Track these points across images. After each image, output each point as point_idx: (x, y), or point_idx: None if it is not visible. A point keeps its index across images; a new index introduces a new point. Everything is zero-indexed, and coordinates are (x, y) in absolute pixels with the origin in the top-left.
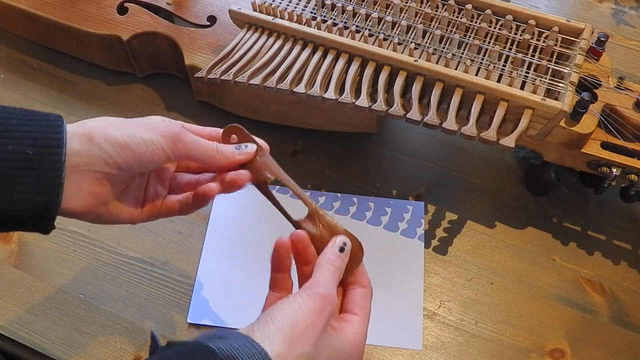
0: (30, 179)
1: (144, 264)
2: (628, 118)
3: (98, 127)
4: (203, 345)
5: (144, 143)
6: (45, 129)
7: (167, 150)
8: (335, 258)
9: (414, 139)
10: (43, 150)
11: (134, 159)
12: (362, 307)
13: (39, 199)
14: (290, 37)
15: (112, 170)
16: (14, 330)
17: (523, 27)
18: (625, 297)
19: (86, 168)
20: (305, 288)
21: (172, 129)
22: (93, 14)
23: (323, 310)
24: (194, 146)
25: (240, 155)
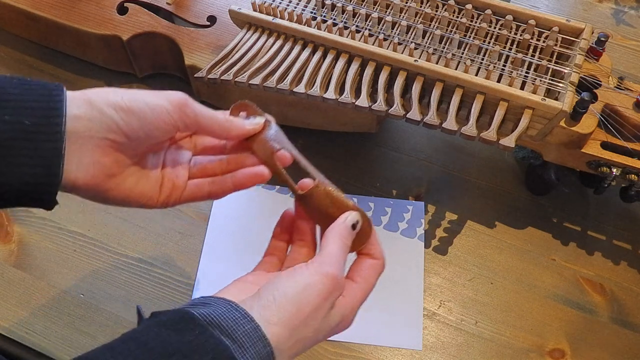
0: (28, 150)
1: (144, 264)
2: (628, 118)
3: (99, 92)
4: (185, 312)
5: (148, 107)
6: (44, 98)
7: (174, 115)
8: (347, 234)
9: (414, 139)
10: (41, 120)
11: (139, 124)
12: (365, 277)
13: (38, 172)
14: (290, 37)
15: (116, 137)
16: (14, 330)
17: (523, 27)
18: (625, 297)
19: (88, 134)
20: (315, 264)
21: (177, 95)
22: (93, 14)
23: (331, 295)
24: (203, 113)
25: (249, 125)
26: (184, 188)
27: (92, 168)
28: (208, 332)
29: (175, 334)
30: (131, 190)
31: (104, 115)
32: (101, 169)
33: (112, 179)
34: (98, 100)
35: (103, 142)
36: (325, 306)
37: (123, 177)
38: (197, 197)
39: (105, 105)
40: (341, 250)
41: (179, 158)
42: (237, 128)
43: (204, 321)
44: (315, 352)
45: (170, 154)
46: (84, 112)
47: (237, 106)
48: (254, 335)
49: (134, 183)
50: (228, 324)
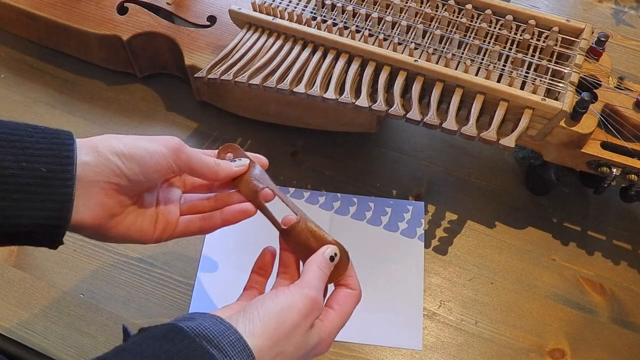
0: (42, 195)
1: (144, 264)
2: (628, 118)
3: (102, 139)
4: (173, 325)
5: (148, 153)
6: (58, 146)
7: (170, 160)
8: (325, 264)
9: (414, 139)
10: (55, 167)
11: (139, 169)
12: (342, 305)
13: (50, 215)
14: (290, 37)
15: (120, 181)
16: (14, 330)
17: (523, 27)
18: (625, 297)
19: (95, 179)
20: (297, 286)
21: (173, 141)
22: (93, 14)
23: (310, 314)
24: (195, 158)
25: (235, 167)
26: (176, 224)
27: (98, 209)
28: (196, 342)
29: (166, 343)
30: (130, 227)
31: (109, 162)
32: (105, 210)
33: (114, 218)
34: (103, 148)
35: (107, 186)
36: (304, 324)
37: (123, 216)
38: (188, 233)
39: (110, 153)
40: (320, 278)
41: (171, 196)
42: (225, 170)
43: (191, 333)
44: None
45: (163, 192)
46: (92, 159)
47: (224, 148)
48: (238, 346)
49: (133, 221)
50: (214, 336)
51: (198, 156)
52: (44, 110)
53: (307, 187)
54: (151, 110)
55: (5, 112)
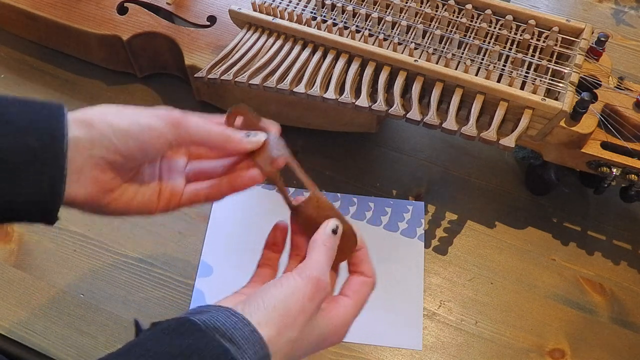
0: (34, 170)
1: (144, 264)
2: (628, 118)
3: (98, 113)
4: (186, 319)
5: (144, 129)
6: (47, 119)
7: (169, 135)
8: (328, 239)
9: (414, 139)
10: (45, 140)
11: (136, 145)
12: (357, 292)
13: (43, 190)
14: (290, 37)
15: (114, 157)
16: (14, 330)
17: (523, 27)
18: (625, 297)
19: (87, 154)
20: (300, 270)
21: (173, 114)
22: (93, 14)
23: (315, 295)
24: (199, 130)
25: (249, 143)
26: (182, 194)
27: (91, 185)
28: (209, 336)
29: (178, 338)
30: (129, 202)
31: (102, 137)
32: (99, 185)
33: (110, 194)
34: (97, 122)
35: (101, 161)
36: (310, 307)
37: (121, 190)
38: (195, 201)
39: (105, 127)
40: (324, 255)
41: (175, 166)
42: (236, 144)
43: (203, 326)
44: None
45: (166, 162)
46: (84, 133)
47: (234, 111)
48: (251, 338)
49: (132, 195)
50: (227, 328)
51: (201, 128)
52: None
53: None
54: None
55: None
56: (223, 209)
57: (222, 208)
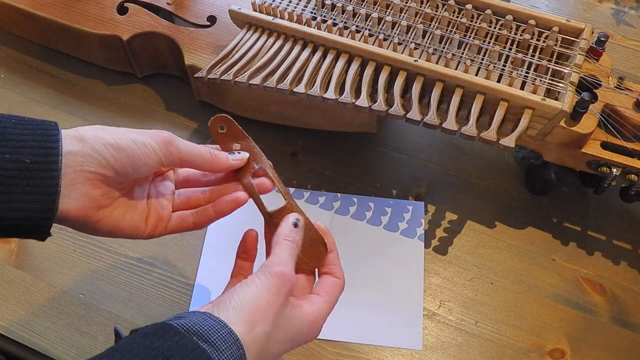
0: (27, 187)
1: (144, 264)
2: (628, 118)
3: (89, 129)
4: (164, 324)
5: (136, 144)
6: (42, 137)
7: (159, 153)
8: (289, 232)
9: (414, 139)
10: (40, 159)
11: (127, 160)
12: (328, 292)
13: (35, 207)
14: (290, 37)
15: (106, 172)
16: (14, 330)
17: (523, 27)
18: (625, 297)
19: (80, 168)
20: (263, 268)
21: (163, 134)
22: (93, 14)
23: (281, 288)
24: (187, 150)
25: (234, 160)
26: (169, 220)
27: (83, 200)
28: (187, 338)
29: (157, 340)
30: (119, 221)
31: (95, 152)
32: (91, 201)
33: (101, 211)
34: (90, 138)
35: (93, 176)
36: (278, 300)
37: (111, 208)
38: (182, 228)
39: (96, 143)
40: (285, 249)
41: (163, 190)
42: (221, 163)
43: (182, 329)
44: (315, 352)
45: (154, 186)
46: (77, 148)
47: (216, 119)
48: (228, 339)
49: (122, 214)
50: (204, 331)
51: (189, 148)
52: (44, 110)
53: (307, 187)
54: (151, 110)
55: (5, 112)
56: None
57: None
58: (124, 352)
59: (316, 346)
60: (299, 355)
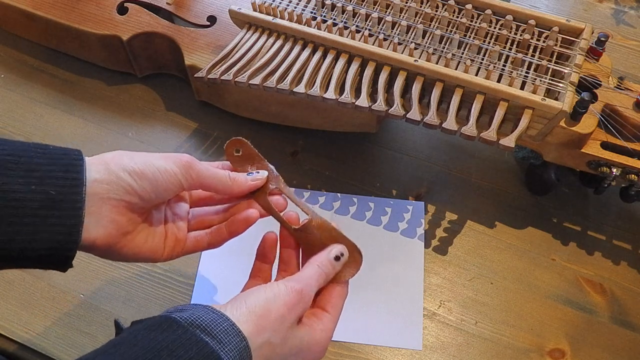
0: (52, 219)
1: (144, 264)
2: (628, 118)
3: (113, 156)
4: (166, 316)
5: (159, 171)
6: (67, 167)
7: (181, 178)
8: (327, 263)
9: (414, 139)
10: (65, 189)
11: (151, 186)
12: (335, 306)
13: (60, 238)
14: (290, 37)
15: (132, 199)
16: (14, 330)
17: (523, 27)
18: (625, 297)
19: (106, 196)
20: (287, 280)
21: (183, 158)
22: (93, 14)
23: (296, 306)
24: (207, 174)
25: (253, 181)
26: (185, 240)
27: (109, 227)
28: (189, 331)
29: (160, 334)
30: (141, 246)
31: (120, 180)
32: (117, 227)
33: (126, 237)
34: (113, 164)
35: (119, 203)
36: (290, 317)
37: (135, 234)
38: (198, 248)
39: (121, 171)
40: (315, 275)
41: (178, 212)
42: (240, 186)
43: (184, 323)
44: None
45: (170, 208)
46: (103, 176)
47: (232, 143)
48: (230, 332)
49: (144, 239)
50: (207, 324)
51: (209, 172)
52: (44, 110)
53: (307, 187)
54: (151, 110)
55: (5, 112)
56: None
57: None
58: (129, 345)
59: None
60: None
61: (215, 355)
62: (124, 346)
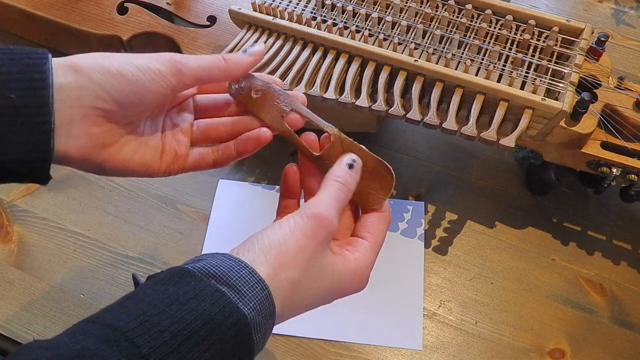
0: (16, 126)
1: (144, 264)
2: (628, 118)
3: (86, 57)
4: (180, 268)
5: (140, 70)
6: (29, 69)
7: (169, 76)
8: (342, 173)
9: (414, 139)
10: (27, 92)
11: (131, 89)
12: (373, 232)
13: (29, 148)
14: (290, 37)
15: (107, 105)
16: (14, 330)
17: (523, 27)
18: (625, 297)
19: (76, 104)
20: (300, 209)
21: (172, 56)
22: (93, 14)
23: (317, 232)
24: (199, 64)
25: (250, 56)
26: (187, 156)
27: (83, 139)
28: (204, 281)
29: (172, 286)
30: (128, 160)
31: (92, 83)
32: (92, 140)
33: (105, 149)
34: (85, 66)
35: (92, 112)
36: (312, 246)
37: (118, 146)
38: (200, 166)
39: (93, 72)
40: (331, 190)
41: (180, 123)
42: (236, 63)
43: (198, 273)
44: (315, 352)
45: (170, 118)
46: (71, 80)
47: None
48: (250, 280)
49: (131, 152)
50: (223, 273)
51: (199, 60)
52: None
53: None
54: None
55: None
56: (223, 208)
57: (222, 208)
58: (137, 300)
59: (316, 346)
60: (299, 355)
61: (232, 306)
62: (132, 301)
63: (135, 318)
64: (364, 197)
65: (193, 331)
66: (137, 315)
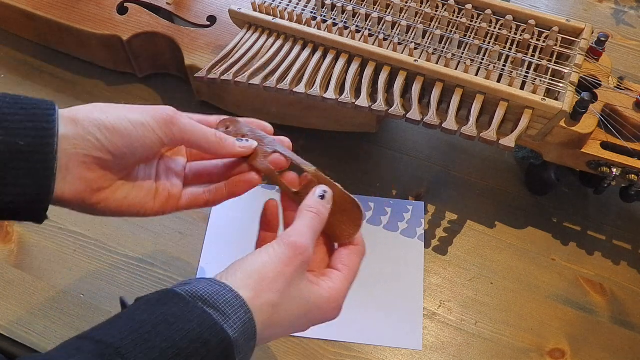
0: (21, 170)
1: (144, 264)
2: (628, 118)
3: (85, 110)
4: (169, 291)
5: (133, 125)
6: (38, 118)
7: (160, 133)
8: (314, 204)
9: (414, 139)
10: (35, 140)
11: (123, 142)
12: (347, 264)
13: (30, 190)
14: (290, 37)
15: (101, 154)
16: (14, 330)
17: (523, 27)
18: (625, 297)
19: (73, 151)
20: (278, 238)
21: (164, 111)
22: (93, 14)
23: (293, 259)
24: (191, 130)
25: (241, 148)
26: (180, 197)
27: (78, 183)
28: (191, 303)
29: (161, 307)
30: (122, 201)
31: (88, 134)
32: (87, 184)
33: (99, 193)
34: (83, 119)
35: (88, 159)
36: (288, 272)
37: (111, 190)
38: (194, 205)
39: (89, 124)
40: (305, 220)
41: (173, 166)
42: (228, 148)
43: (186, 295)
44: (315, 352)
45: (164, 162)
46: (70, 130)
47: (222, 122)
48: (235, 303)
49: (124, 195)
50: (209, 295)
51: (195, 128)
52: None
53: None
54: None
55: None
56: (223, 208)
57: (222, 208)
58: (127, 318)
59: (316, 346)
60: (299, 355)
61: (217, 327)
62: (123, 320)
63: (127, 335)
64: (337, 231)
65: (181, 349)
66: (129, 332)
